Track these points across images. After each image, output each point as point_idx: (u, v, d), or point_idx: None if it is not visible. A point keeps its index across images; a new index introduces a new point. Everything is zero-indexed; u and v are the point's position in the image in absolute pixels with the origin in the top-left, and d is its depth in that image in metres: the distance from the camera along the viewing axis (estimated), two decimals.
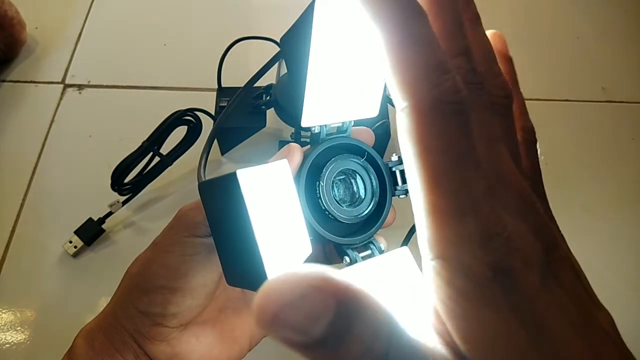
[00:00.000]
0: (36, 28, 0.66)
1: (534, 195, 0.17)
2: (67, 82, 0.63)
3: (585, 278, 0.18)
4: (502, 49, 0.23)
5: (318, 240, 0.28)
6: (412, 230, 0.39)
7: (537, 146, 0.22)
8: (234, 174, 0.20)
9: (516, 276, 0.15)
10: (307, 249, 0.25)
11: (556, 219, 0.20)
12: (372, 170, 0.30)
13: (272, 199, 0.22)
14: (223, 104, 0.56)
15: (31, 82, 0.63)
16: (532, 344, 0.14)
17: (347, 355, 0.13)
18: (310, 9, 0.21)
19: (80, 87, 0.63)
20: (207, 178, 0.24)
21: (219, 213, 0.22)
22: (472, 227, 0.15)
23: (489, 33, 0.22)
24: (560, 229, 0.20)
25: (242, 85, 0.35)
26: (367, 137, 0.31)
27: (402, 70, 0.15)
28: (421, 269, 0.27)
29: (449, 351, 0.15)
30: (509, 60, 0.23)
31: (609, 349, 0.16)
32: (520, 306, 0.15)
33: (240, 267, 0.21)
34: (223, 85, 0.57)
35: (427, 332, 0.16)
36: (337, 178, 0.29)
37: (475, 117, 0.16)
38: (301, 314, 0.12)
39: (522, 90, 0.24)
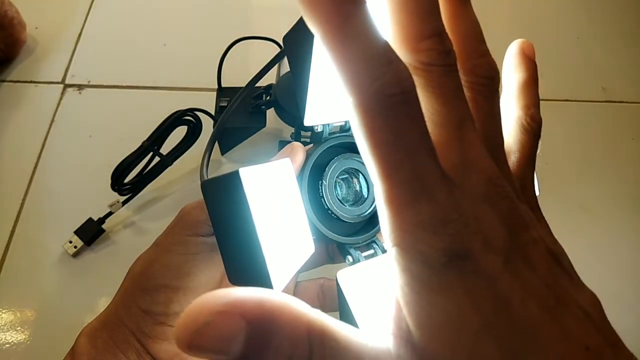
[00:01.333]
0: (36, 28, 0.66)
1: (502, 179, 0.17)
2: (67, 82, 0.63)
3: (567, 261, 0.18)
4: (529, 54, 0.22)
5: (321, 239, 0.28)
6: None
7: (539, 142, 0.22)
8: (236, 172, 0.20)
9: (473, 260, 0.15)
10: (310, 248, 0.25)
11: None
12: None
13: (274, 197, 0.22)
14: (223, 104, 0.56)
15: (31, 82, 0.63)
16: (488, 327, 0.14)
17: None
18: None
19: (80, 87, 0.63)
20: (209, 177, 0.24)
21: (222, 211, 0.22)
22: (426, 214, 0.15)
23: (517, 42, 0.22)
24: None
25: (242, 85, 0.34)
26: None
27: (342, 65, 0.15)
28: None
29: (396, 341, 0.15)
30: (532, 62, 0.22)
31: (586, 329, 0.15)
32: (476, 290, 0.14)
33: (243, 265, 0.21)
34: (223, 85, 0.57)
35: (385, 322, 0.16)
36: (340, 177, 0.29)
37: (443, 101, 0.16)
38: (211, 339, 0.13)
39: None
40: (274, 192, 0.22)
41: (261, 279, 0.20)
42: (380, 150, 0.15)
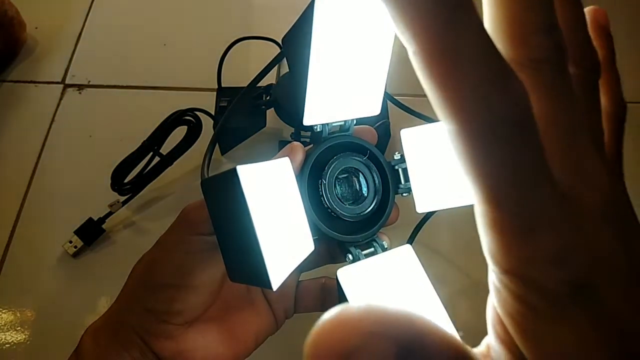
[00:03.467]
0: (36, 28, 0.66)
1: (619, 194, 0.15)
2: (67, 82, 0.63)
3: None
4: (603, 23, 0.20)
5: (322, 239, 0.28)
6: (417, 228, 0.39)
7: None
8: (234, 170, 0.20)
9: (597, 290, 0.13)
10: (310, 246, 0.25)
11: None
12: (374, 168, 0.30)
13: (273, 195, 0.22)
14: (223, 104, 0.56)
15: (31, 82, 0.63)
16: None
17: None
18: (310, 8, 0.21)
19: (80, 87, 0.63)
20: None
21: (221, 209, 0.22)
22: (544, 244, 0.13)
23: (588, 9, 0.19)
24: None
25: (242, 85, 0.35)
26: (369, 136, 0.31)
27: (444, 88, 0.12)
28: (424, 266, 0.27)
29: None
30: (609, 35, 0.20)
31: None
32: (601, 322, 0.13)
33: (242, 263, 0.22)
34: (223, 85, 0.57)
35: (492, 343, 0.16)
36: (340, 176, 0.29)
37: (553, 103, 0.14)
38: None
39: None
40: (272, 190, 0.22)
41: (259, 276, 0.20)
42: (489, 180, 0.13)
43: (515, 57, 0.14)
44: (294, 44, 0.24)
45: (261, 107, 0.54)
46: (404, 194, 0.30)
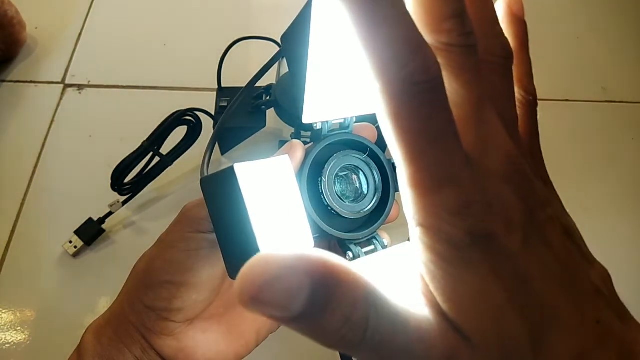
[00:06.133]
0: (36, 28, 0.66)
1: (520, 158, 0.17)
2: (67, 82, 0.63)
3: (579, 235, 0.19)
4: (516, 12, 0.22)
5: (323, 237, 0.28)
6: None
7: (537, 110, 0.22)
8: (231, 168, 0.20)
9: (496, 239, 0.15)
10: (309, 244, 0.25)
11: None
12: (374, 166, 0.30)
13: (272, 193, 0.22)
14: (223, 104, 0.56)
15: (31, 82, 0.63)
16: (511, 301, 0.15)
17: (328, 326, 0.14)
18: (308, 5, 0.21)
19: (80, 87, 0.63)
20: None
21: (219, 207, 0.22)
22: (450, 197, 0.15)
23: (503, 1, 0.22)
24: None
25: (242, 85, 0.35)
26: (369, 133, 0.31)
27: (370, 50, 0.15)
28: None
29: (432, 311, 0.16)
30: (521, 23, 0.23)
31: (596, 303, 0.17)
32: (499, 267, 0.15)
33: (240, 260, 0.21)
34: (223, 85, 0.57)
35: (415, 295, 0.17)
36: (340, 174, 0.29)
37: (462, 81, 0.17)
38: (277, 293, 0.13)
39: None
40: (271, 188, 0.22)
41: None
42: (407, 136, 0.15)
43: (431, 42, 0.16)
44: (293, 42, 0.24)
45: (261, 107, 0.54)
46: None
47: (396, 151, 0.16)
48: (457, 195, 0.15)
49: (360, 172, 0.30)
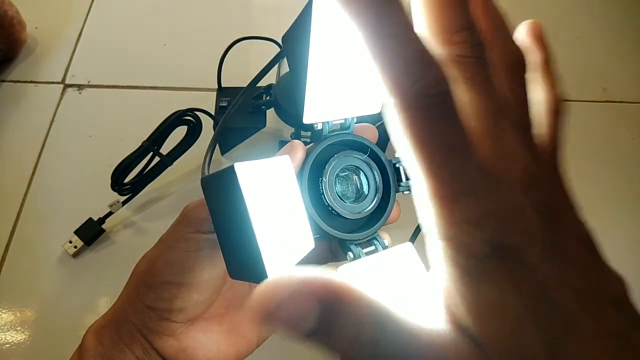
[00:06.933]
0: (36, 28, 0.66)
1: (536, 167, 0.18)
2: (67, 82, 0.63)
3: (596, 244, 0.18)
4: (538, 34, 0.23)
5: (323, 237, 0.28)
6: (419, 228, 0.39)
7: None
8: (231, 167, 0.20)
9: (514, 250, 0.16)
10: (310, 244, 0.25)
11: None
12: (375, 166, 0.30)
13: (272, 193, 0.22)
14: (223, 104, 0.56)
15: (31, 82, 0.63)
16: (529, 312, 0.15)
17: (337, 344, 0.15)
18: (308, 5, 0.21)
19: (80, 87, 0.63)
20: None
21: (220, 207, 0.22)
22: (470, 208, 0.15)
23: (526, 22, 0.23)
24: None
25: (242, 85, 0.35)
26: (370, 134, 0.31)
27: (382, 66, 0.15)
28: (425, 264, 0.27)
29: (448, 322, 0.16)
30: (543, 44, 0.23)
31: (614, 315, 0.17)
32: (517, 279, 0.15)
33: (241, 260, 0.22)
34: (223, 85, 0.57)
35: (428, 307, 0.17)
36: (341, 174, 0.29)
37: (476, 92, 0.17)
38: (289, 313, 0.14)
39: None
40: (272, 188, 0.22)
41: (257, 273, 0.20)
42: (425, 149, 0.15)
43: (444, 53, 0.17)
44: (294, 42, 0.24)
45: (261, 107, 0.54)
46: (405, 192, 0.30)
47: (415, 165, 0.16)
48: (476, 206, 0.15)
49: (361, 173, 0.30)
